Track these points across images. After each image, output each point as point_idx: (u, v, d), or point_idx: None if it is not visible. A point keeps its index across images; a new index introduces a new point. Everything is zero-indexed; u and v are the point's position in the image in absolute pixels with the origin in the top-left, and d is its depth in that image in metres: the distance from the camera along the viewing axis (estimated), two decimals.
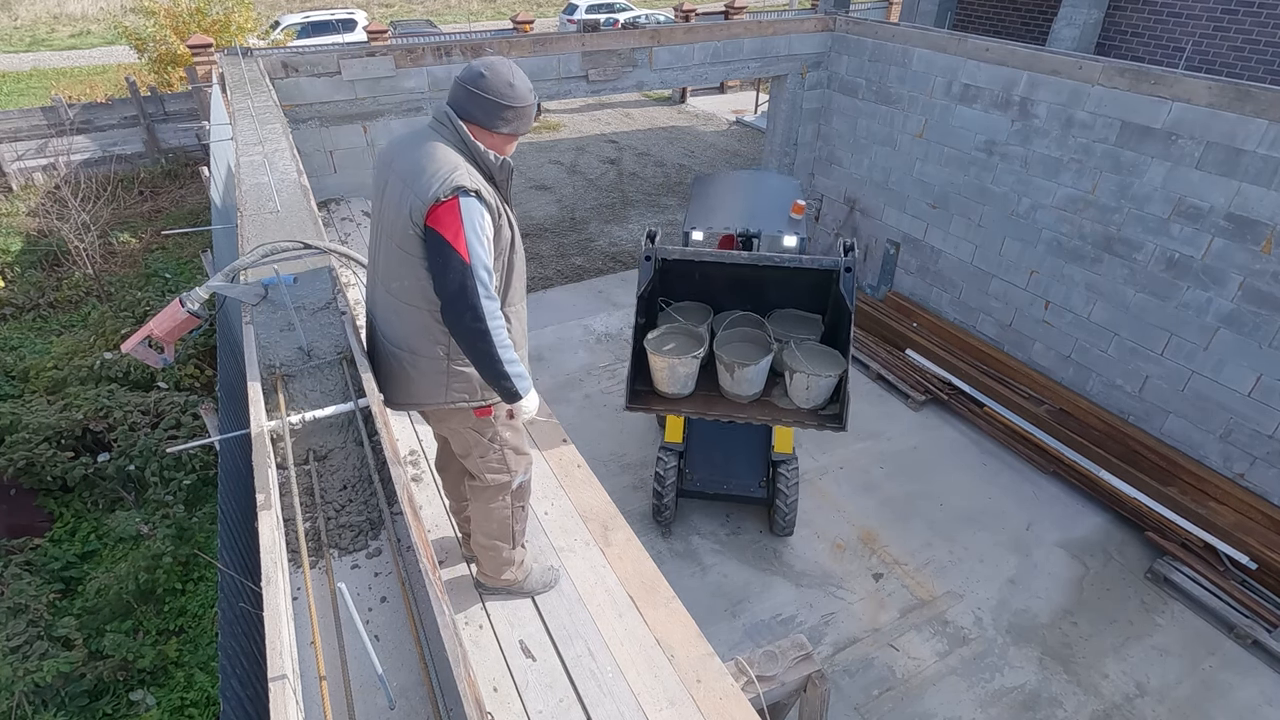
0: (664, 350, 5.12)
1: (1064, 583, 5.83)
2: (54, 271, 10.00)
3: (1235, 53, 8.61)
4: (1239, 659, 5.28)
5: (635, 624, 3.10)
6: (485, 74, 2.10)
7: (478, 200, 2.07)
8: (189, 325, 2.26)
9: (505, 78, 2.11)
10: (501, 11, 30.00)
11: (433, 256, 2.09)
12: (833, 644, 5.29)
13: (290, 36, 17.50)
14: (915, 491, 6.65)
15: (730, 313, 5.62)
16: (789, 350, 5.15)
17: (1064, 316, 7.21)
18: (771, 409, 5.22)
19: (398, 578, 2.45)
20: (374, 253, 2.35)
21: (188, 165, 13.36)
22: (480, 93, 2.10)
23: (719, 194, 6.62)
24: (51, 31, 25.73)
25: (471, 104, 2.12)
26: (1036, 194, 7.16)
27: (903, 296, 9.00)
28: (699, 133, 17.02)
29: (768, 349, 5.11)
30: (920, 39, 7.98)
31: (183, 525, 5.93)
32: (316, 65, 6.92)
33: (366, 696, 1.69)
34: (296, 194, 3.80)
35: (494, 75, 2.10)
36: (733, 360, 4.98)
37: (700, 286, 5.67)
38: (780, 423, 5.11)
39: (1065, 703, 4.96)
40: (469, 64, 2.15)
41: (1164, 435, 6.59)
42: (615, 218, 12.55)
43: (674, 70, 8.50)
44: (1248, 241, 5.68)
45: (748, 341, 5.31)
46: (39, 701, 4.60)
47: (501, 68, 2.12)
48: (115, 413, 6.63)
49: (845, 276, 4.88)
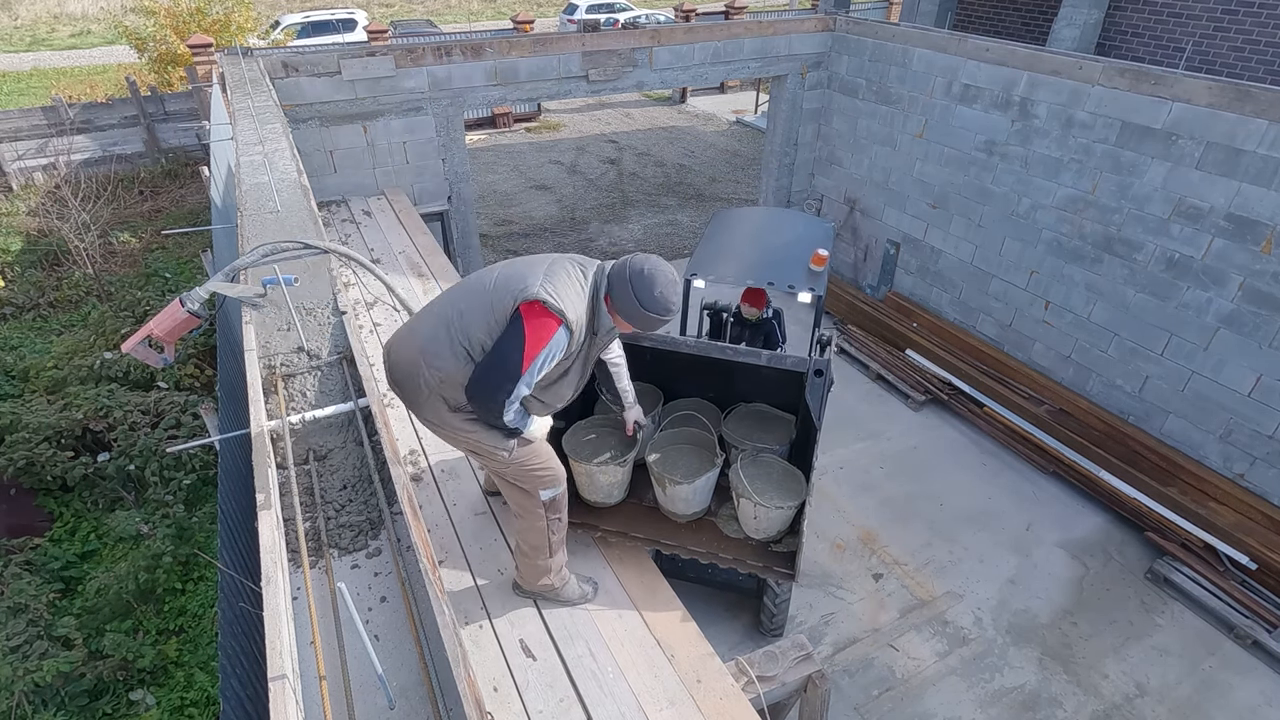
0: (583, 444, 3.90)
1: (1064, 583, 5.83)
2: (54, 271, 10.00)
3: (1235, 53, 8.60)
4: (1239, 659, 5.28)
5: (635, 624, 3.10)
6: (645, 275, 2.34)
7: (566, 336, 2.29)
8: (189, 325, 2.26)
9: (654, 289, 2.34)
10: (502, 11, 30.00)
11: (506, 335, 2.27)
12: (833, 644, 5.28)
13: (290, 36, 17.50)
14: (915, 491, 6.65)
15: (686, 400, 4.60)
16: (738, 468, 4.04)
17: (1064, 317, 7.20)
18: (712, 536, 4.07)
19: (398, 578, 2.45)
20: (458, 294, 2.46)
21: (188, 165, 13.36)
22: (632, 288, 2.34)
23: (735, 235, 5.83)
24: (51, 31, 25.73)
25: (620, 289, 2.36)
26: (1036, 194, 7.15)
27: (903, 296, 8.99)
28: (699, 133, 17.01)
29: (712, 462, 3.97)
30: (920, 39, 7.97)
31: (183, 525, 5.93)
32: (316, 65, 6.92)
33: (366, 696, 1.69)
34: (296, 194, 3.79)
35: (645, 282, 2.33)
36: (663, 473, 3.83)
37: (652, 366, 4.38)
38: (718, 558, 3.98)
39: (1065, 703, 4.96)
40: (634, 256, 2.41)
41: (1164, 435, 6.59)
42: (615, 218, 12.55)
43: (674, 70, 8.50)
44: (1248, 242, 5.68)
45: (694, 444, 4.16)
46: (39, 701, 4.60)
47: (660, 278, 2.34)
48: (115, 412, 6.63)
49: (813, 382, 3.76)
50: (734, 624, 5.35)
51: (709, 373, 4.46)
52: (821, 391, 3.78)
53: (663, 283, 2.34)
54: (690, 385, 4.64)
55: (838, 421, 7.29)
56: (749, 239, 5.80)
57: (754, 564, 3.98)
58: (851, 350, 8.50)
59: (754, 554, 4.07)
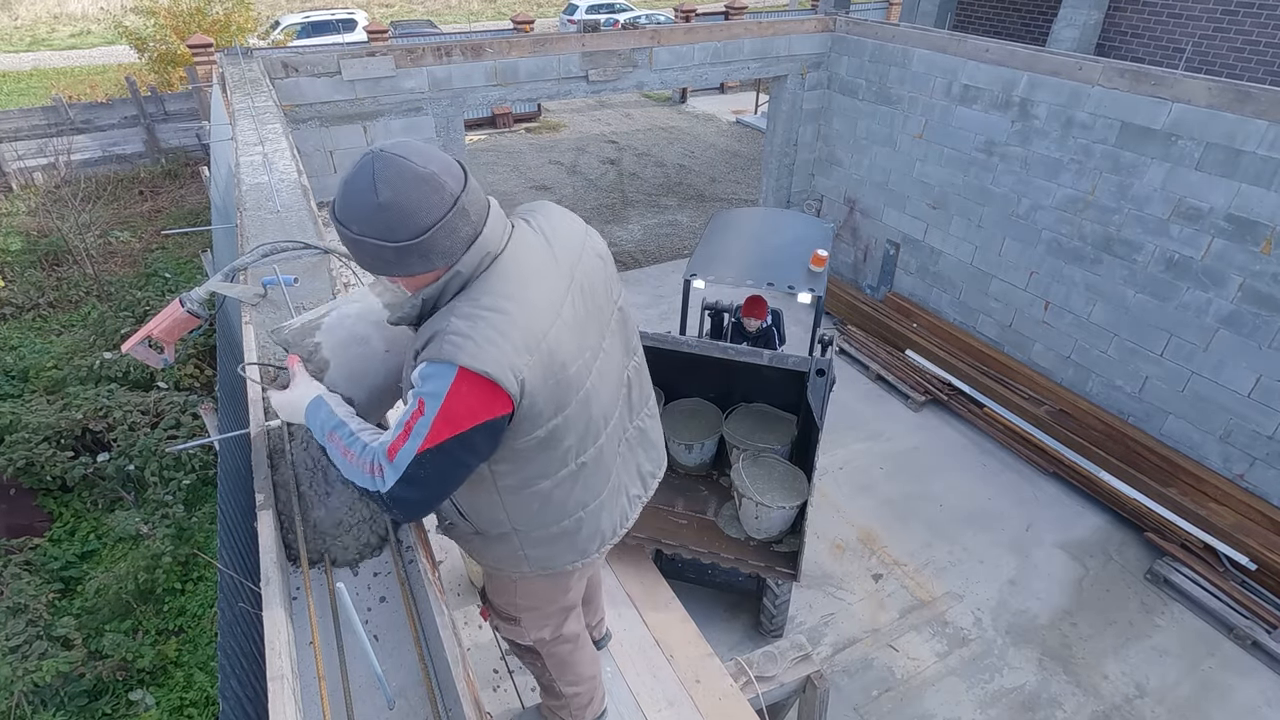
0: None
1: (1063, 583, 5.82)
2: (54, 271, 10.00)
3: (1235, 53, 8.61)
4: (1238, 660, 5.28)
5: (635, 624, 3.10)
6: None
7: None
8: (189, 325, 2.25)
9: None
10: (502, 11, 30.01)
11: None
12: (832, 644, 5.28)
13: (290, 36, 17.49)
14: (915, 492, 6.64)
15: (686, 400, 4.75)
16: (740, 468, 4.15)
17: (1064, 317, 7.20)
18: (713, 536, 4.19)
19: (397, 578, 2.44)
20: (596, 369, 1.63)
21: (188, 165, 13.36)
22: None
23: (734, 236, 5.85)
24: (51, 31, 25.73)
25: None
26: (1036, 194, 7.16)
27: (902, 297, 8.99)
28: (699, 133, 17.01)
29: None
30: (920, 40, 7.97)
31: (182, 525, 5.92)
32: (316, 65, 6.91)
33: (365, 696, 1.69)
34: (296, 194, 3.79)
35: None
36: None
37: (652, 366, 4.64)
38: (720, 558, 4.07)
39: (1065, 703, 4.96)
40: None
41: (1164, 436, 6.59)
42: (615, 218, 12.55)
43: (674, 70, 8.50)
44: (1247, 242, 5.68)
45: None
46: (38, 701, 4.60)
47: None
48: (115, 412, 6.63)
49: (815, 381, 3.77)
50: (733, 624, 5.35)
51: (710, 372, 4.52)
52: (824, 391, 3.83)
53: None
54: (691, 385, 4.70)
55: (838, 422, 7.29)
56: (748, 240, 5.78)
57: (755, 564, 4.01)
58: (851, 350, 8.50)
59: (755, 554, 4.11)
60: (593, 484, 1.74)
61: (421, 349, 1.39)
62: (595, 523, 1.80)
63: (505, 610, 2.04)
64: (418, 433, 1.36)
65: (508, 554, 1.79)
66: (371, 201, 1.32)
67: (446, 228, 1.35)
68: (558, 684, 2.25)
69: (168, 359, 2.27)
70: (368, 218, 1.33)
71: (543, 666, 2.20)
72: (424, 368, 1.37)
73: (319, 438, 1.55)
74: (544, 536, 1.75)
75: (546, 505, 1.68)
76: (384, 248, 1.34)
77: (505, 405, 1.39)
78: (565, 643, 2.16)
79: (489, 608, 2.14)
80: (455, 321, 1.36)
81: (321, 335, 1.72)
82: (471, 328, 1.35)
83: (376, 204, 1.31)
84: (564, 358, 1.49)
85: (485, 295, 1.40)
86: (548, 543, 1.76)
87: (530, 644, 2.11)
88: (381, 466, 1.41)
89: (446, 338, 1.34)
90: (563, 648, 2.17)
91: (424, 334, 1.41)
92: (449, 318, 1.38)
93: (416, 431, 1.36)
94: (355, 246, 1.37)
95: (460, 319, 1.37)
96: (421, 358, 1.38)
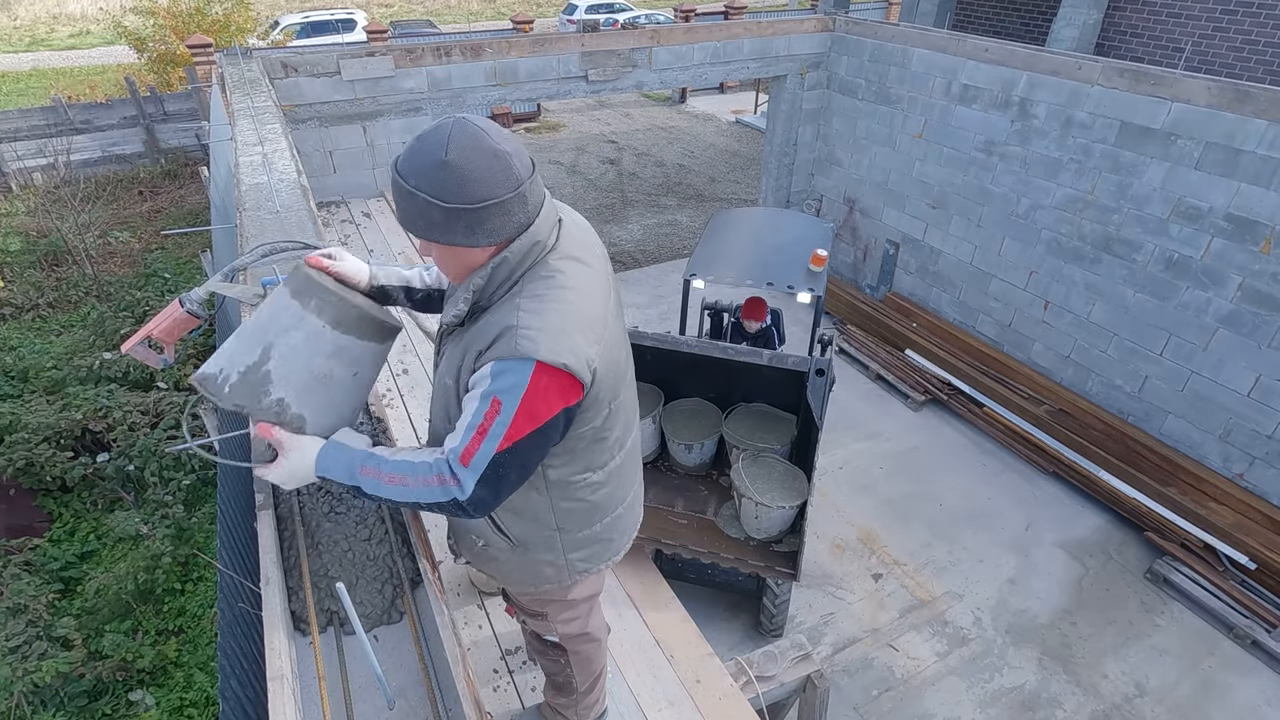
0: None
1: (1063, 583, 5.83)
2: (53, 271, 10.00)
3: (1235, 53, 8.61)
4: (1238, 659, 5.28)
5: (635, 624, 3.10)
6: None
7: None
8: (189, 325, 2.25)
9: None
10: (501, 11, 30.01)
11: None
12: (832, 644, 5.28)
13: (290, 36, 17.49)
14: (915, 492, 6.65)
15: (686, 400, 4.82)
16: (739, 467, 4.17)
17: (1063, 317, 7.21)
18: (713, 536, 4.19)
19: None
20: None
21: (187, 165, 13.36)
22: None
23: (734, 236, 5.84)
24: (51, 31, 25.72)
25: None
26: (1036, 194, 7.16)
27: (902, 296, 9.00)
28: (699, 133, 17.01)
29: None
30: (920, 39, 7.98)
31: (182, 525, 5.92)
32: (316, 65, 6.91)
33: (365, 696, 1.69)
34: (296, 194, 3.79)
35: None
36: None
37: (652, 366, 4.48)
38: (720, 558, 4.08)
39: (1065, 703, 4.96)
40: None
41: (1163, 435, 6.59)
42: (615, 218, 12.55)
43: (674, 70, 8.50)
44: (1247, 242, 5.68)
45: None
46: (38, 701, 4.60)
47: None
48: (115, 413, 6.63)
49: (815, 381, 3.76)
50: (733, 624, 5.35)
51: (710, 372, 4.52)
52: (823, 391, 3.83)
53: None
54: (691, 385, 4.71)
55: (837, 421, 7.29)
56: (748, 239, 5.77)
57: (755, 564, 4.02)
58: (851, 350, 8.50)
59: (755, 554, 4.12)
60: (629, 477, 1.78)
61: (487, 348, 1.38)
62: (631, 517, 1.85)
63: (531, 607, 2.03)
64: (495, 433, 1.36)
65: (549, 562, 1.76)
66: (437, 159, 1.31)
67: (503, 207, 1.36)
68: (575, 679, 2.23)
69: (167, 359, 2.27)
70: (427, 172, 1.33)
71: (565, 663, 2.17)
72: (494, 365, 1.36)
73: (345, 482, 1.49)
74: (587, 536, 1.75)
75: (592, 500, 1.69)
76: (434, 206, 1.34)
77: (578, 392, 1.42)
78: (591, 641, 2.16)
79: (513, 605, 2.14)
80: (524, 316, 1.37)
81: (278, 388, 1.50)
82: (543, 321, 1.36)
83: (441, 161, 1.31)
84: (617, 346, 1.55)
85: (548, 288, 1.42)
86: (589, 543, 1.76)
87: (557, 639, 2.08)
88: (455, 474, 1.40)
89: (521, 332, 1.35)
90: (588, 646, 2.16)
91: (487, 331, 1.40)
92: (515, 313, 1.38)
93: (494, 431, 1.36)
94: (407, 200, 1.36)
95: (529, 314, 1.37)
96: (489, 356, 1.37)
